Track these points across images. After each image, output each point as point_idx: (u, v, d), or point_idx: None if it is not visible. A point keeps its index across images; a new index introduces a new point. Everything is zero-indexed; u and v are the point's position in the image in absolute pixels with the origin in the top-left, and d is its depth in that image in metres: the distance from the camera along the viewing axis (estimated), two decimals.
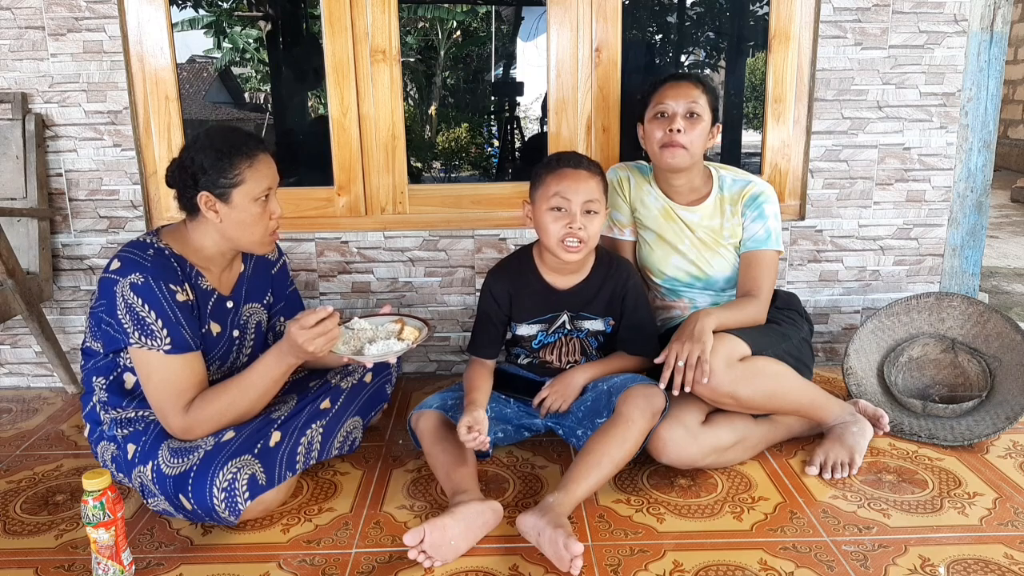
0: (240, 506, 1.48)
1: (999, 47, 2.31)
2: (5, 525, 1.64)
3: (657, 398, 1.69)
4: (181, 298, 1.57)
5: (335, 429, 1.74)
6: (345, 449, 1.80)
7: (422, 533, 1.44)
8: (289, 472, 1.59)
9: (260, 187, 1.59)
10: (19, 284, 2.15)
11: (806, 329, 2.01)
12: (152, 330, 1.53)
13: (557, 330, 1.91)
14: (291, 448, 1.61)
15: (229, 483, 1.46)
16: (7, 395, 2.42)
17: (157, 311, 1.53)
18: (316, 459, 1.68)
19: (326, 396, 1.76)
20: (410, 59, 9.59)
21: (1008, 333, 2.07)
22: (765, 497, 1.70)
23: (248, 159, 1.57)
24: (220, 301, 1.70)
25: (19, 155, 2.24)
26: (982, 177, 2.41)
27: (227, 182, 1.56)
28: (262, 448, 1.55)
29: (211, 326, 1.67)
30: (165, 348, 1.54)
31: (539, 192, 1.79)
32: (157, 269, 1.55)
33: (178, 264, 1.61)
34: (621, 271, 1.90)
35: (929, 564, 1.45)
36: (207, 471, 1.47)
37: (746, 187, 1.96)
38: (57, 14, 2.21)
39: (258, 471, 1.52)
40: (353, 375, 1.85)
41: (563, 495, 1.55)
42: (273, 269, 1.88)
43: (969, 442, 1.91)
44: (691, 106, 1.87)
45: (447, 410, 1.82)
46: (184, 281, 1.60)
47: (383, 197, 2.42)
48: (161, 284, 1.54)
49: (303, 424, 1.66)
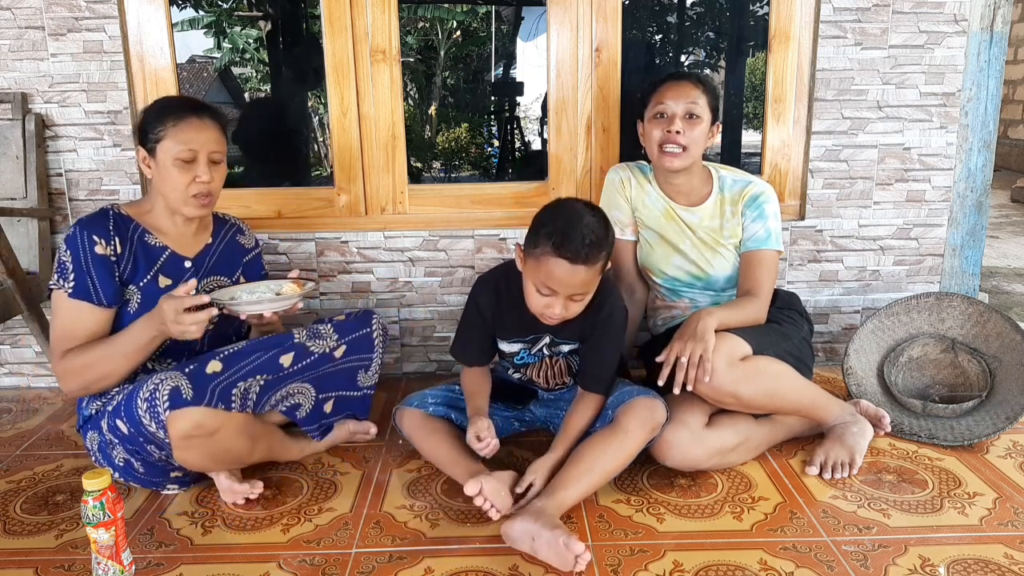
0: (161, 414, 1.49)
1: (999, 47, 2.31)
2: (5, 525, 1.64)
3: (659, 412, 1.69)
4: (100, 251, 1.65)
5: (278, 386, 1.71)
6: (281, 408, 1.75)
7: (479, 483, 1.53)
8: (221, 403, 1.57)
9: (181, 147, 1.65)
10: (19, 284, 2.15)
11: (806, 329, 2.01)
12: (65, 271, 1.64)
13: (539, 351, 1.86)
14: (228, 383, 1.59)
15: (151, 392, 1.51)
16: (7, 395, 2.42)
17: (72, 256, 1.64)
18: (252, 409, 1.66)
19: (291, 351, 1.72)
20: (410, 59, 9.59)
21: (1008, 333, 2.07)
22: (765, 497, 1.70)
23: (175, 119, 1.66)
24: (175, 260, 1.77)
25: (19, 155, 2.24)
26: (982, 177, 2.41)
27: (153, 137, 1.67)
28: (195, 370, 1.56)
29: (159, 279, 1.74)
30: (68, 290, 1.63)
31: (531, 263, 1.63)
32: (86, 221, 1.68)
33: (117, 222, 1.71)
34: (605, 303, 1.75)
35: (929, 564, 1.45)
36: (136, 388, 1.54)
37: (746, 187, 1.96)
38: (57, 14, 2.21)
39: (183, 385, 1.52)
40: (325, 341, 1.78)
41: (551, 500, 1.54)
42: (246, 256, 1.95)
43: (969, 442, 1.91)
44: (690, 107, 1.87)
45: (426, 407, 1.84)
46: (115, 237, 1.68)
47: (383, 197, 2.42)
48: (85, 234, 1.65)
49: (250, 370, 1.63)
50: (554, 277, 1.58)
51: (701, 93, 1.88)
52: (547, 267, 1.58)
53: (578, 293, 1.62)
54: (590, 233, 1.57)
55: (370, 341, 1.88)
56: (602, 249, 1.60)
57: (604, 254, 1.62)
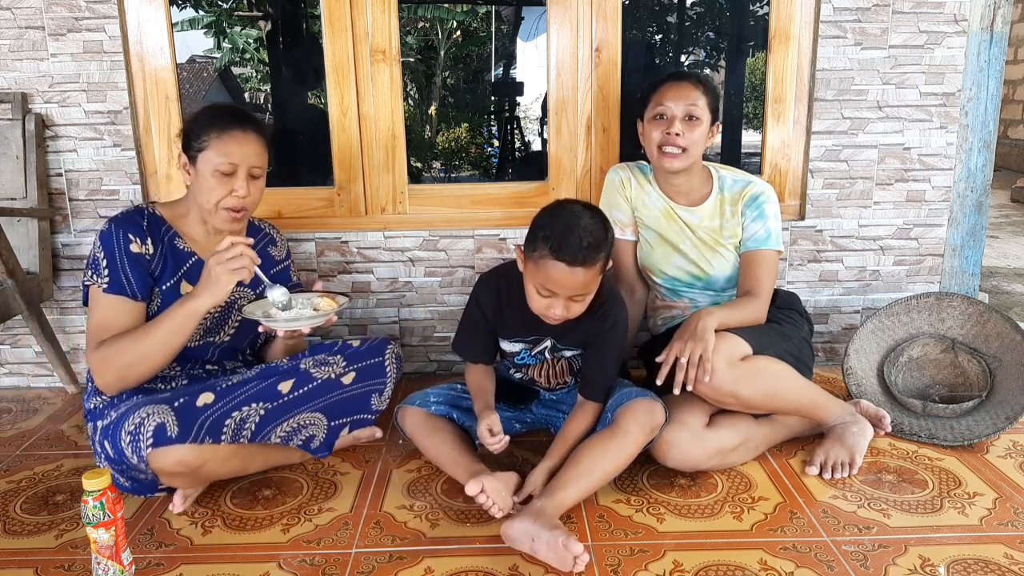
0: (143, 450, 1.47)
1: (999, 47, 2.31)
2: (5, 525, 1.64)
3: (658, 413, 1.69)
4: (135, 249, 1.67)
5: (282, 416, 1.67)
6: (295, 442, 1.71)
7: (480, 483, 1.53)
8: (210, 438, 1.54)
9: (221, 159, 1.65)
10: (19, 284, 2.15)
11: (806, 329, 2.01)
12: (99, 268, 1.66)
13: (540, 353, 1.85)
14: (220, 415, 1.56)
15: (136, 426, 1.49)
16: (7, 395, 2.42)
17: (107, 252, 1.66)
18: (249, 439, 1.61)
19: (290, 377, 1.70)
20: (410, 59, 9.60)
21: (1008, 333, 2.07)
22: (765, 497, 1.70)
23: (219, 130, 1.65)
24: (200, 265, 1.73)
25: (19, 155, 2.24)
26: (982, 177, 2.41)
27: (196, 145, 1.67)
28: (184, 403, 1.55)
29: (182, 285, 1.73)
30: (103, 285, 1.65)
31: (531, 266, 1.63)
32: (122, 219, 1.69)
33: (151, 222, 1.72)
34: (609, 313, 1.75)
35: (929, 564, 1.45)
36: (123, 416, 1.52)
37: (746, 187, 1.96)
38: (57, 14, 2.21)
39: (170, 421, 1.50)
40: (331, 368, 1.76)
41: (550, 500, 1.54)
42: (275, 268, 1.93)
43: (969, 442, 1.91)
44: (690, 108, 1.87)
45: (428, 406, 1.83)
46: (149, 236, 1.70)
47: (383, 197, 2.42)
48: (120, 232, 1.67)
49: (245, 398, 1.62)
50: (553, 279, 1.58)
51: (701, 94, 1.88)
52: (546, 270, 1.57)
53: (578, 294, 1.62)
54: (588, 235, 1.56)
55: (382, 369, 1.87)
56: (601, 250, 1.59)
57: (603, 255, 1.61)
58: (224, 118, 1.68)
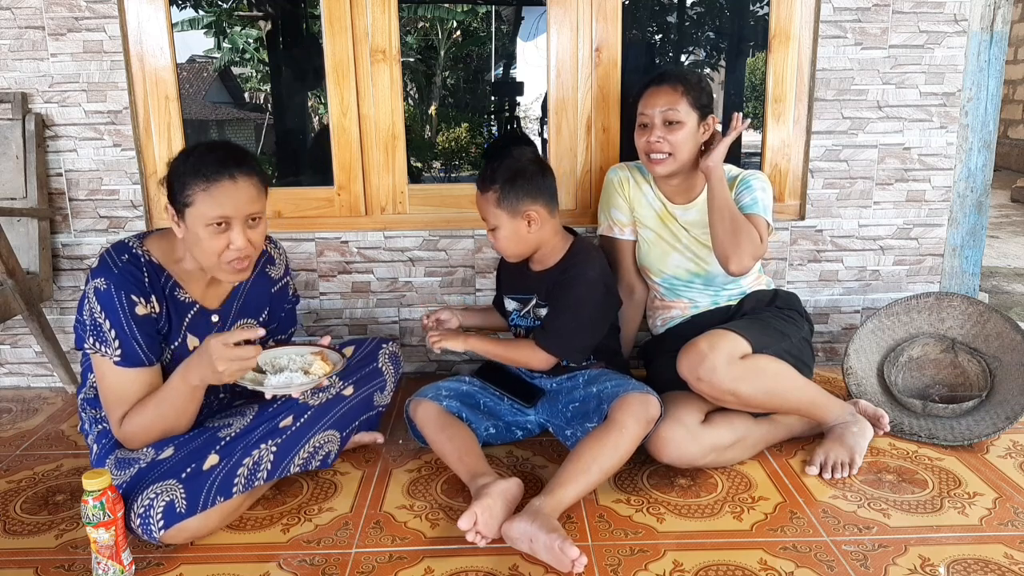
0: (155, 533, 1.43)
1: (999, 47, 2.31)
2: (5, 525, 1.64)
3: (652, 406, 1.69)
4: (141, 311, 1.52)
5: (295, 447, 1.65)
6: (314, 464, 1.70)
7: (474, 516, 1.49)
8: (220, 496, 1.50)
9: (212, 213, 1.48)
10: (19, 284, 2.15)
11: (806, 329, 2.01)
12: (106, 339, 1.51)
13: (528, 314, 1.94)
14: (229, 471, 1.53)
15: (145, 509, 1.43)
16: (7, 395, 2.42)
17: (112, 321, 1.50)
18: (267, 479, 1.60)
19: (288, 413, 1.66)
20: (410, 59, 9.60)
21: (1008, 333, 2.07)
22: (765, 497, 1.70)
23: (205, 182, 1.47)
24: (202, 315, 1.65)
25: (19, 155, 2.24)
26: (982, 177, 2.41)
27: (181, 200, 1.50)
28: (191, 472, 1.49)
29: (188, 339, 1.62)
30: (115, 359, 1.51)
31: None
32: (122, 277, 1.51)
33: (150, 273, 1.56)
34: (569, 266, 1.85)
35: (929, 564, 1.45)
36: (130, 493, 1.47)
37: (737, 176, 1.98)
38: (57, 14, 2.21)
39: (178, 497, 1.45)
40: (328, 390, 1.75)
41: (549, 499, 1.54)
42: (275, 287, 1.82)
43: (969, 442, 1.91)
44: (668, 114, 1.87)
45: (441, 399, 1.85)
46: (152, 293, 1.55)
47: (383, 197, 2.42)
48: (122, 294, 1.50)
49: (251, 444, 1.58)
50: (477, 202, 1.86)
51: (681, 95, 1.87)
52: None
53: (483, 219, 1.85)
54: (499, 168, 1.81)
55: (379, 372, 1.90)
56: (494, 183, 1.80)
57: (497, 188, 1.80)
58: (209, 166, 1.48)
